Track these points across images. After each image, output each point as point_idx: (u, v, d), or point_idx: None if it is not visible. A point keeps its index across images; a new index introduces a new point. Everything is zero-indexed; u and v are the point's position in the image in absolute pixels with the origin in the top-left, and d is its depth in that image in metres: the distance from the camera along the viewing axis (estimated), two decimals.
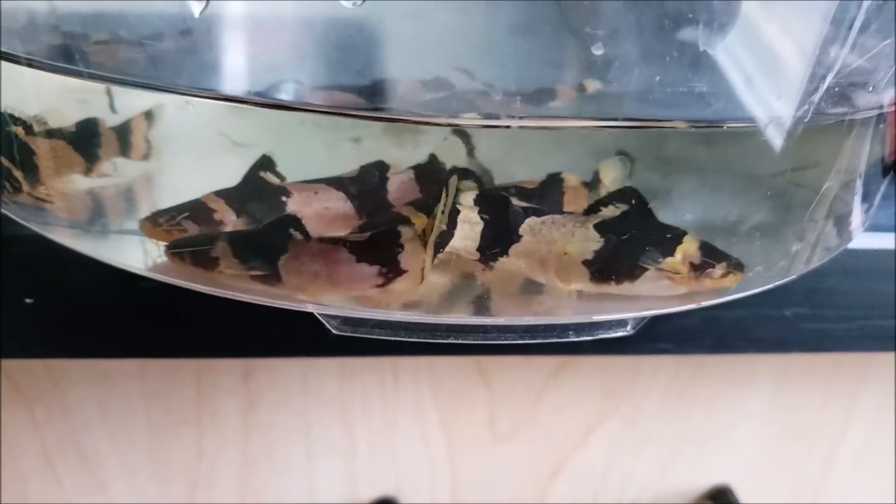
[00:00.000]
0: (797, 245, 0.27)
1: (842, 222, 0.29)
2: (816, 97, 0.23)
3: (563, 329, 0.26)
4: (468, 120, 0.21)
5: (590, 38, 0.19)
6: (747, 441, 0.54)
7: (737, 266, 0.24)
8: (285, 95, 0.22)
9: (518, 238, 0.22)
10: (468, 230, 0.22)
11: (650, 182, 0.23)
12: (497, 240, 0.22)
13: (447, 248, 0.22)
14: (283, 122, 0.22)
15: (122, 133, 0.25)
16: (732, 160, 0.24)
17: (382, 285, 0.23)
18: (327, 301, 0.23)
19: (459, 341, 0.26)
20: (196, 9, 0.19)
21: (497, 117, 0.20)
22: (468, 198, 0.22)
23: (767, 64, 0.22)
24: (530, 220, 0.22)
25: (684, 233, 0.23)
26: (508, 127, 0.20)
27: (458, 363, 0.46)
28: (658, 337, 0.37)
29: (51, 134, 0.25)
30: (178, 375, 0.44)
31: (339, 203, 0.24)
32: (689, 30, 0.21)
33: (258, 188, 0.22)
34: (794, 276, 0.28)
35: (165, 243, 0.23)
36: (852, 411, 0.53)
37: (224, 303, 0.25)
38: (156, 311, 0.34)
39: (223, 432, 0.46)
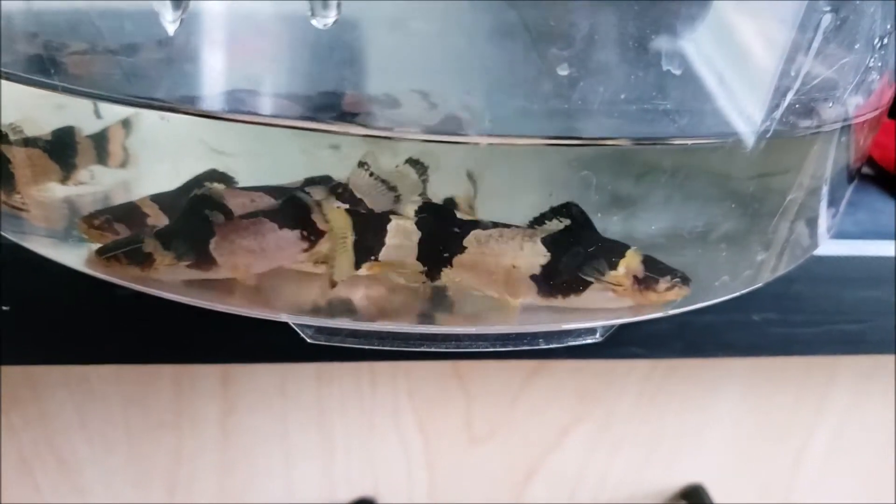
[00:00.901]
0: (763, 254, 0.28)
1: (808, 230, 0.30)
2: (779, 112, 0.24)
3: (534, 337, 0.26)
4: (438, 136, 0.22)
5: (555, 59, 0.20)
6: (719, 441, 0.55)
7: (682, 279, 0.25)
8: (257, 104, 0.22)
9: (462, 249, 0.22)
10: (403, 239, 0.22)
11: (617, 194, 0.24)
12: (438, 251, 0.23)
13: (382, 257, 0.22)
14: (261, 129, 0.22)
15: (100, 141, 0.25)
16: (698, 173, 0.25)
17: (308, 249, 0.23)
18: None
19: (433, 349, 0.26)
20: (170, 28, 0.20)
21: (465, 134, 0.21)
22: (408, 209, 0.22)
23: (731, 80, 0.23)
24: (476, 232, 0.22)
25: (627, 247, 0.23)
26: (478, 144, 0.21)
27: (434, 367, 0.46)
28: (629, 342, 0.37)
29: (27, 143, 0.25)
30: (157, 380, 0.44)
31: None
32: (653, 50, 0.21)
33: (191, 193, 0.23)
34: (759, 284, 0.29)
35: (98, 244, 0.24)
36: (821, 412, 0.54)
37: (200, 309, 0.25)
38: (132, 318, 0.34)
39: (202, 436, 0.46)
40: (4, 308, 0.32)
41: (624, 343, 0.37)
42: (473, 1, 0.21)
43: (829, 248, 0.37)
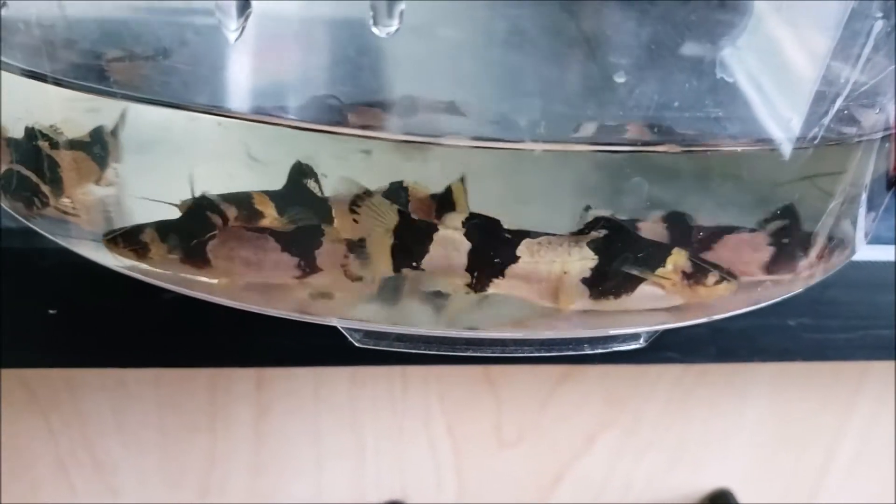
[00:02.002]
0: (804, 259, 0.28)
1: (847, 235, 0.30)
2: (827, 119, 0.24)
3: (579, 342, 0.27)
4: (490, 142, 0.22)
5: (613, 67, 0.20)
6: (746, 447, 0.55)
7: (729, 274, 0.25)
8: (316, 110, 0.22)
9: (515, 259, 0.22)
10: (450, 250, 0.22)
11: (662, 200, 0.24)
12: (490, 261, 0.23)
13: (425, 265, 0.22)
14: (292, 132, 0.23)
15: (115, 136, 0.25)
16: (744, 179, 0.25)
17: (299, 278, 0.23)
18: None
19: (478, 354, 0.26)
20: (232, 37, 0.20)
21: (520, 140, 0.21)
22: (455, 220, 0.22)
23: (780, 87, 0.23)
24: (527, 241, 0.22)
25: (671, 247, 0.23)
26: (532, 151, 0.21)
27: (466, 372, 0.46)
28: (665, 347, 0.38)
29: (72, 145, 0.25)
30: (193, 382, 0.44)
31: None
32: (699, 59, 0.22)
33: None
34: (800, 290, 0.29)
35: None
36: (848, 418, 0.54)
37: (238, 313, 0.25)
38: (175, 322, 0.34)
39: (235, 439, 0.47)
40: (51, 312, 0.33)
41: (660, 348, 0.37)
42: (498, 5, 0.22)
43: (864, 253, 0.37)
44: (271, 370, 0.44)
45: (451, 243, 0.22)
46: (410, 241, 0.22)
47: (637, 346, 0.28)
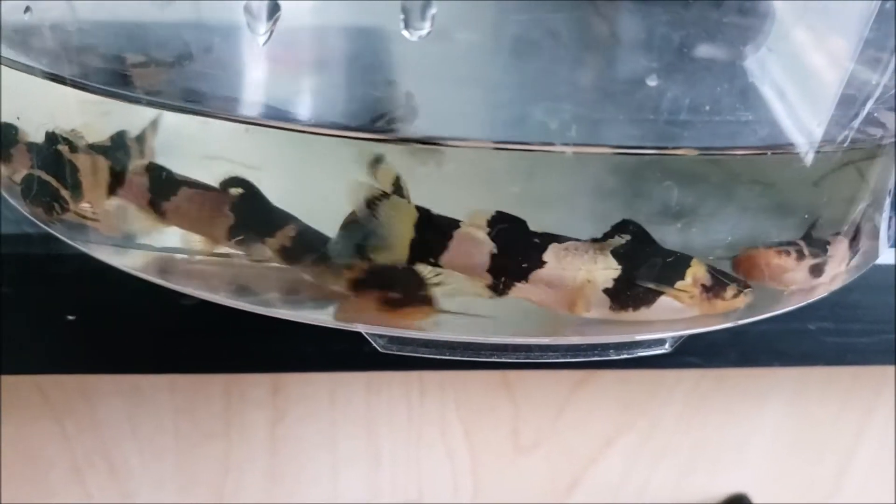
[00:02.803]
0: (829, 264, 0.28)
1: (870, 240, 0.30)
2: (856, 122, 0.24)
3: (605, 348, 0.26)
4: (521, 145, 0.22)
5: (645, 71, 0.20)
6: (762, 452, 0.54)
7: (745, 286, 0.25)
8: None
9: (541, 264, 0.22)
10: (470, 248, 0.22)
11: (689, 205, 0.24)
12: (515, 264, 0.22)
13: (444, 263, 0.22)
14: (301, 138, 0.22)
15: (140, 143, 0.25)
16: (769, 183, 0.25)
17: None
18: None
19: (503, 360, 0.26)
20: (261, 40, 0.20)
21: (551, 143, 0.21)
22: (480, 218, 0.21)
23: (808, 91, 0.23)
24: (555, 246, 0.22)
25: (690, 257, 0.23)
26: (563, 153, 0.20)
27: (483, 377, 0.46)
28: (686, 352, 0.37)
29: (92, 149, 0.25)
30: (208, 388, 0.44)
31: None
32: (727, 63, 0.21)
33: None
34: (825, 294, 0.29)
35: None
36: (866, 423, 0.54)
37: (255, 318, 0.25)
38: (192, 327, 0.34)
39: (251, 445, 0.47)
40: (69, 318, 0.32)
41: (682, 353, 0.37)
42: (522, 6, 0.21)
43: (886, 256, 0.37)
44: (287, 375, 0.44)
45: (472, 241, 0.22)
46: (430, 237, 0.22)
47: (662, 350, 0.28)
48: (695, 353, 0.38)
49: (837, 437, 0.54)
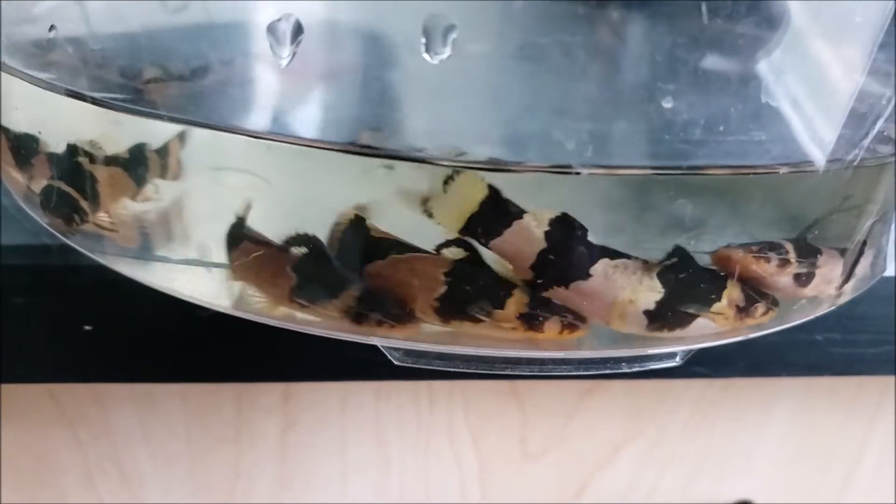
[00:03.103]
0: (840, 277, 0.28)
1: (879, 253, 0.30)
2: (867, 141, 0.24)
3: (617, 361, 0.27)
4: (534, 167, 0.22)
5: (660, 92, 0.20)
6: (768, 460, 0.54)
7: (773, 303, 0.25)
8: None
9: (587, 276, 0.22)
10: (522, 241, 0.22)
11: (706, 221, 0.24)
12: (560, 269, 0.22)
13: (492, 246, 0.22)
14: (313, 152, 0.23)
15: (163, 155, 0.25)
16: (779, 199, 0.25)
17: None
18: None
19: (516, 373, 0.26)
20: (283, 62, 0.20)
21: (568, 165, 0.21)
22: (543, 215, 0.22)
23: (821, 109, 0.23)
24: (605, 262, 0.22)
25: (726, 278, 0.23)
26: (578, 174, 0.21)
27: (492, 385, 0.47)
28: (695, 362, 0.38)
29: (109, 161, 0.26)
30: (220, 396, 0.44)
31: None
32: (739, 80, 0.22)
33: None
34: (834, 307, 0.29)
35: None
36: (872, 432, 0.54)
37: (267, 328, 0.25)
38: (205, 337, 0.34)
39: (261, 452, 0.47)
40: (87, 328, 0.33)
41: (690, 363, 0.37)
42: (531, 22, 0.22)
43: (892, 267, 0.37)
44: (297, 384, 0.44)
45: (527, 235, 0.22)
46: (490, 218, 0.22)
47: (674, 363, 0.28)
48: (702, 363, 0.38)
49: (842, 445, 0.55)
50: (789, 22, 0.22)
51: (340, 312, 0.23)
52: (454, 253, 0.22)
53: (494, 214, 0.22)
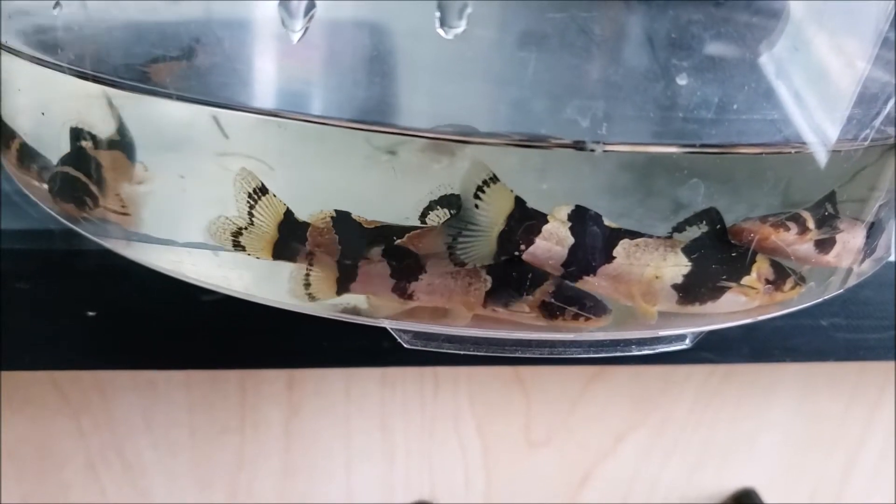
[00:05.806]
0: (861, 243, 0.28)
1: (885, 237, 0.30)
2: (878, 121, 0.24)
3: (627, 344, 0.27)
4: (552, 142, 0.22)
5: (675, 69, 0.20)
6: (771, 447, 0.55)
7: (801, 279, 0.25)
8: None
9: (611, 259, 0.22)
10: (553, 244, 0.22)
11: (715, 201, 0.24)
12: (587, 259, 0.22)
13: (526, 257, 0.22)
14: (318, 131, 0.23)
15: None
16: (789, 181, 0.25)
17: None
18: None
19: (527, 356, 0.26)
20: (295, 37, 0.20)
21: (582, 142, 0.21)
22: (562, 212, 0.22)
23: (830, 92, 0.23)
24: (625, 242, 0.22)
25: (756, 252, 0.23)
26: (593, 151, 0.21)
27: (497, 372, 0.46)
28: (700, 347, 0.37)
29: (109, 144, 0.25)
30: (223, 384, 0.44)
31: None
32: (760, 61, 0.22)
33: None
34: (841, 290, 0.29)
35: None
36: (875, 418, 0.54)
37: (271, 314, 0.25)
38: (209, 324, 0.34)
39: (265, 440, 0.47)
40: (90, 313, 0.33)
41: (696, 348, 0.37)
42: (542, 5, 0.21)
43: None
44: (302, 371, 0.44)
45: (556, 236, 0.22)
46: (520, 229, 0.22)
47: (683, 346, 0.28)
48: (708, 348, 0.38)
49: (845, 433, 0.55)
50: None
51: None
52: None
53: (523, 225, 0.22)
